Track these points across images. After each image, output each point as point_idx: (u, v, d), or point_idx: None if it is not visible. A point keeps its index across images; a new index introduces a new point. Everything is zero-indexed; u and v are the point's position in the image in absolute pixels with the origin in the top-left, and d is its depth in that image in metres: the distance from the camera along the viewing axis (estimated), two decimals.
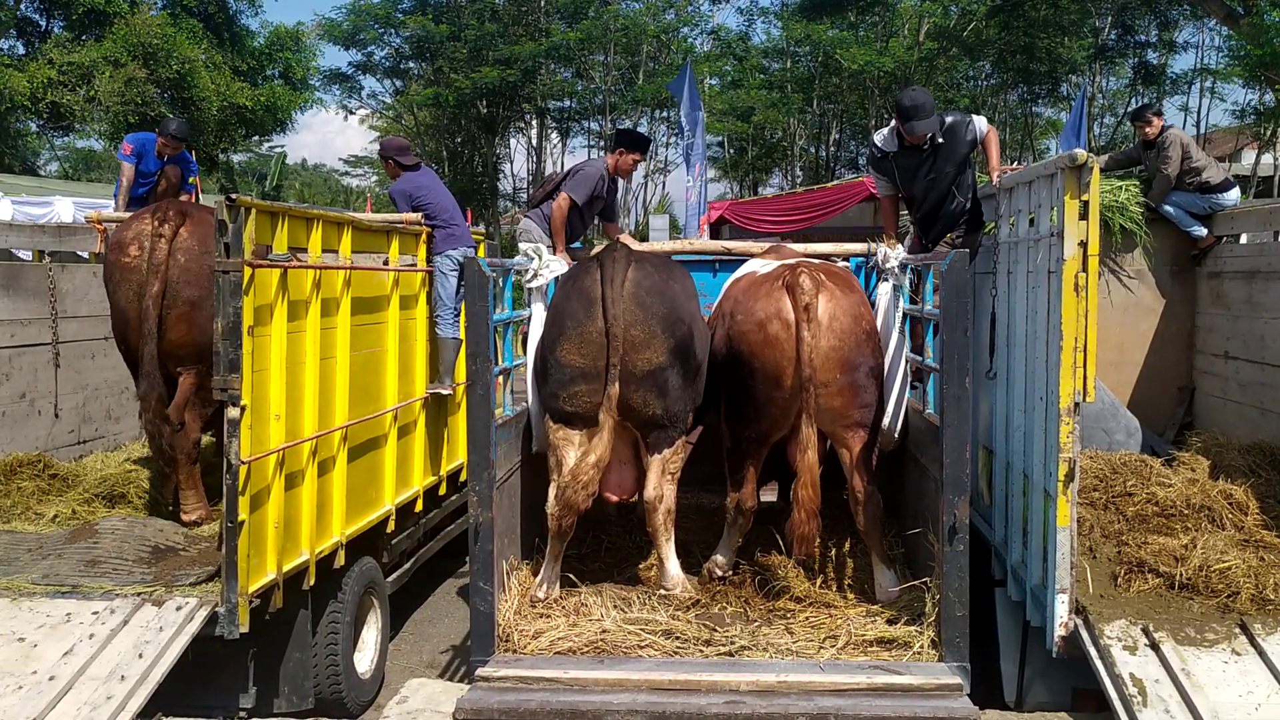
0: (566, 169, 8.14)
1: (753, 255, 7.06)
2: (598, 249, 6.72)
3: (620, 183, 8.33)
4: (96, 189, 21.15)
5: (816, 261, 6.33)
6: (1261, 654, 4.64)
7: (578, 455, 5.51)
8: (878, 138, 7.15)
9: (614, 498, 5.81)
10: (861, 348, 5.73)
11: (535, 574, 5.78)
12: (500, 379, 5.88)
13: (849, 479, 5.82)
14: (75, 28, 24.16)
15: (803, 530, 5.50)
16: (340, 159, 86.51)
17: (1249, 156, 28.49)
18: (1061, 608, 4.99)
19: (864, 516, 5.77)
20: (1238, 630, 4.81)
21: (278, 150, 34.06)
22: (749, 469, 5.95)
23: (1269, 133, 25.35)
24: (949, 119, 6.88)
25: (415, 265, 7.76)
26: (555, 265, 6.56)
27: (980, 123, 7.00)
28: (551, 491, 5.63)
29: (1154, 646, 4.72)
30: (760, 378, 5.70)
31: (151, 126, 22.66)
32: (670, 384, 5.53)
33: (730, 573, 6.05)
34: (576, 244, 7.92)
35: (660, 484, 5.64)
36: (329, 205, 32.76)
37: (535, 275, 6.44)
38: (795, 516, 5.52)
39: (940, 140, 6.84)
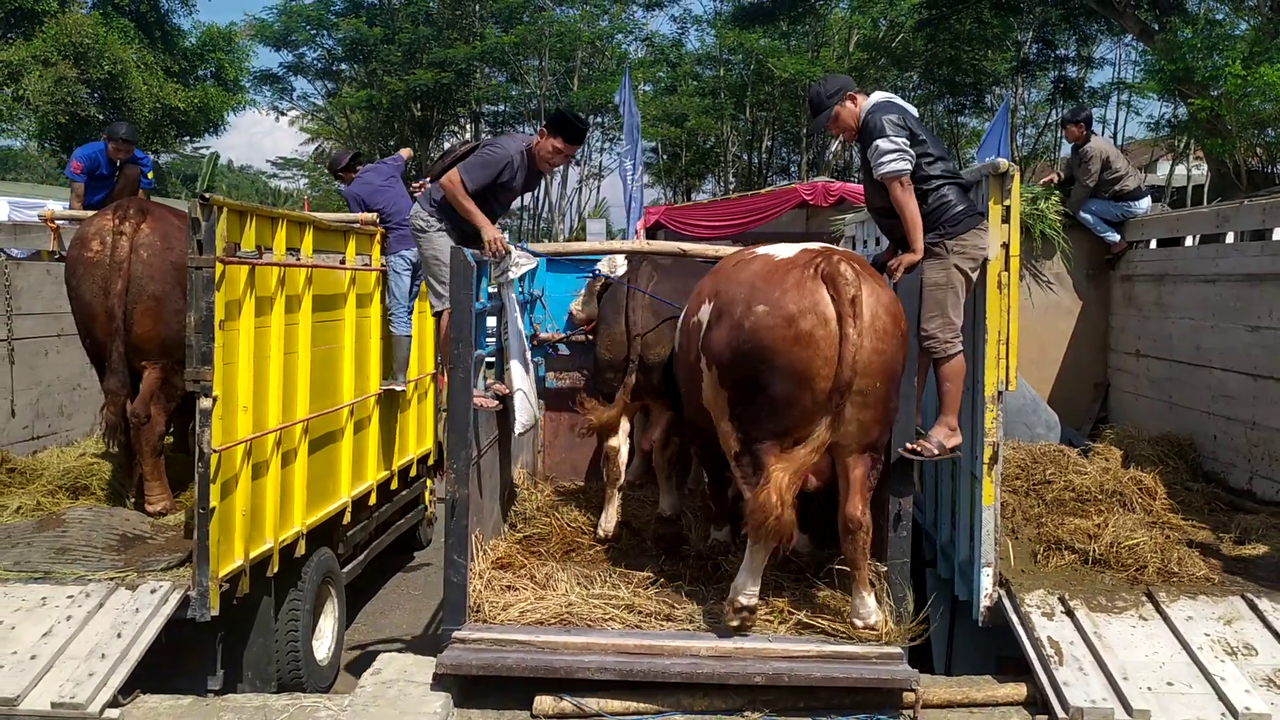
0: (477, 143, 6.91)
1: (706, 257, 7.15)
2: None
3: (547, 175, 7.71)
4: (29, 189, 20.81)
5: (840, 249, 5.24)
6: (1166, 619, 5.08)
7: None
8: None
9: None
10: (899, 353, 5.00)
11: (497, 551, 6.14)
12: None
13: (847, 500, 5.04)
14: (3, 26, 23.73)
15: (776, 515, 4.67)
16: (268, 160, 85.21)
17: (1164, 168, 29.63)
18: (987, 580, 5.40)
19: (856, 546, 5.04)
20: (1145, 598, 5.25)
21: (207, 151, 33.61)
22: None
23: (1182, 145, 26.37)
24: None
25: (370, 265, 7.97)
26: (523, 260, 6.69)
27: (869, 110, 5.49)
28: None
29: (1069, 613, 5.14)
30: (784, 378, 4.83)
31: (81, 127, 22.44)
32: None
33: (756, 601, 5.18)
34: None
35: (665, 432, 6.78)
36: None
37: (505, 271, 6.63)
38: (766, 499, 4.70)
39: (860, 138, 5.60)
